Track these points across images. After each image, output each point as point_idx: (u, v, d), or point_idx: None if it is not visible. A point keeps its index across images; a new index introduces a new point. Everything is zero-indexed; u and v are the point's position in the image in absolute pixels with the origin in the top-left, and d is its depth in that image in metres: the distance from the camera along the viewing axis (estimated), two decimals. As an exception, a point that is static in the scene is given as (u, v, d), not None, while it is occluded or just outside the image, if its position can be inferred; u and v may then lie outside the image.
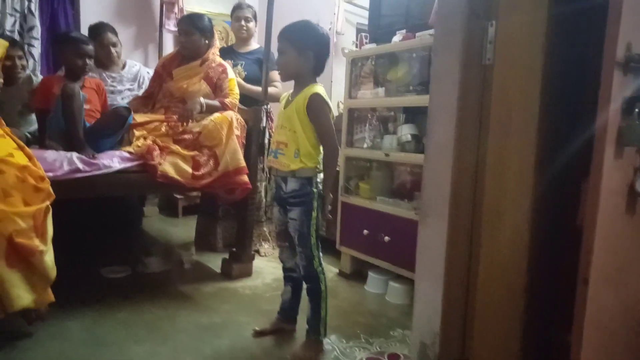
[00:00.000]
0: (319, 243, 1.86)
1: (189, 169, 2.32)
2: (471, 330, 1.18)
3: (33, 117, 2.63)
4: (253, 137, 2.62)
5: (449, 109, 1.07)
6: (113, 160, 2.14)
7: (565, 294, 1.10)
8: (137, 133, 2.34)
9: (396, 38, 2.47)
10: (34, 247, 1.68)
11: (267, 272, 2.81)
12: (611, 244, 0.97)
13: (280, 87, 3.15)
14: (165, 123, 2.43)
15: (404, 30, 2.45)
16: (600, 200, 0.90)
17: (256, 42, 3.32)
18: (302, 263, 1.85)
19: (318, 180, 1.82)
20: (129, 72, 3.05)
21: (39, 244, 1.71)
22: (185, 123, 2.40)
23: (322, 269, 1.87)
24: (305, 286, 1.93)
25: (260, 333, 1.98)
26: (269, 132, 2.84)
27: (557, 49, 1.00)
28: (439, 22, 1.10)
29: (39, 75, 2.79)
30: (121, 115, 2.26)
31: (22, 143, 1.89)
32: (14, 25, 3.46)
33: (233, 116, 2.48)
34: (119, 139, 2.36)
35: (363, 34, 2.79)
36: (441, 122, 1.08)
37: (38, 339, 1.87)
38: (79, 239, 2.67)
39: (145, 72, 3.12)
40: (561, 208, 1.06)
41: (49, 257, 1.75)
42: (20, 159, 1.77)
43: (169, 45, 4.23)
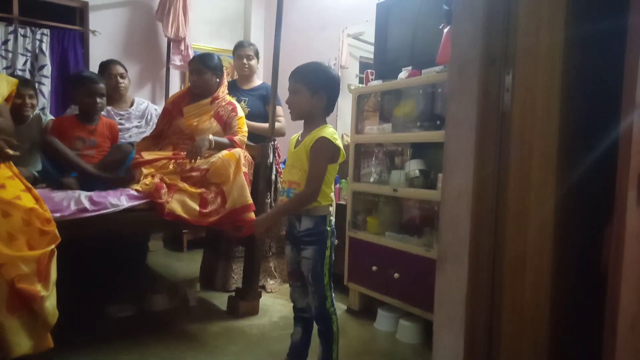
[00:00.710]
0: (331, 283, 1.83)
1: (196, 206, 2.31)
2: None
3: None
4: (260, 173, 2.62)
5: (466, 155, 1.06)
6: (120, 199, 2.13)
7: (591, 340, 1.06)
8: (145, 171, 2.34)
9: (402, 74, 2.49)
10: (35, 292, 1.66)
11: (274, 309, 2.75)
12: (638, 290, 0.94)
13: (284, 122, 3.18)
14: (173, 160, 2.43)
15: (410, 67, 2.48)
16: (625, 247, 0.88)
17: (259, 79, 3.37)
18: (315, 303, 1.81)
19: (332, 218, 1.81)
20: (136, 110, 3.08)
21: (41, 289, 1.68)
22: (193, 160, 2.40)
23: (334, 309, 1.83)
24: (316, 327, 1.88)
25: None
26: (276, 168, 2.84)
27: (575, 96, 1.00)
28: (454, 66, 1.10)
29: (48, 115, 2.82)
30: (125, 151, 2.27)
31: (29, 184, 1.88)
32: (25, 64, 3.53)
33: (241, 153, 2.49)
34: (123, 174, 2.37)
35: (369, 71, 2.82)
36: (459, 167, 1.07)
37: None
38: (83, 275, 2.64)
39: (153, 109, 3.15)
40: (584, 253, 1.03)
41: (50, 303, 1.71)
42: (27, 201, 1.76)
43: (175, 81, 4.30)
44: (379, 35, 2.83)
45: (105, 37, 3.91)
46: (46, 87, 3.59)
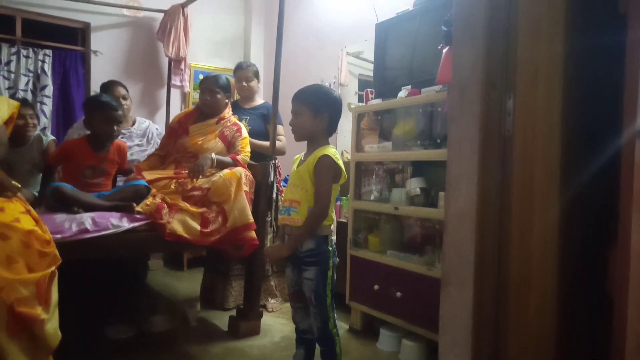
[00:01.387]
0: (333, 304, 1.82)
1: (197, 226, 2.30)
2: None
3: (41, 176, 2.64)
4: (261, 192, 2.62)
5: (469, 178, 1.06)
6: (122, 220, 2.12)
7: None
8: (146, 191, 2.34)
9: (402, 93, 2.51)
10: (35, 315, 1.63)
11: (276, 329, 2.72)
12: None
13: (285, 141, 3.20)
14: (174, 180, 2.44)
15: (409, 86, 2.50)
16: (631, 270, 0.88)
17: (260, 98, 3.41)
18: (317, 325, 1.79)
19: (333, 238, 1.81)
20: (138, 129, 3.09)
21: (41, 312, 1.66)
22: (195, 179, 2.40)
23: (337, 330, 1.82)
24: (318, 348, 1.86)
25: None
26: (276, 187, 2.85)
27: (576, 117, 1.01)
28: (455, 90, 1.11)
29: (49, 135, 2.83)
30: (141, 194, 2.27)
31: (29, 206, 1.88)
32: (27, 84, 3.56)
33: (242, 172, 2.50)
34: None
35: (369, 90, 2.84)
36: (461, 190, 1.08)
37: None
38: (83, 294, 2.61)
39: (154, 128, 3.17)
40: (590, 274, 1.03)
41: (51, 325, 1.69)
42: (26, 223, 1.75)
43: (175, 100, 4.32)
44: (378, 54, 2.86)
45: (106, 57, 3.95)
46: (48, 107, 3.61)
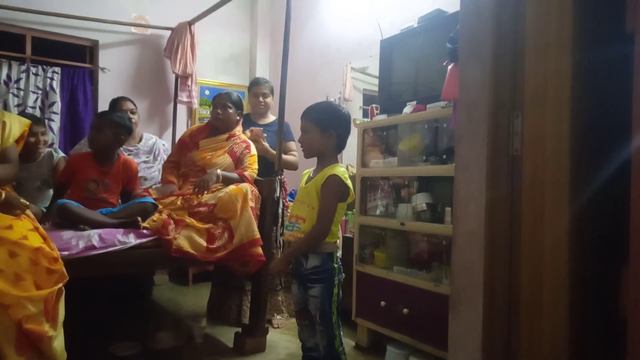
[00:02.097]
0: (339, 321, 1.81)
1: (203, 242, 2.31)
2: None
3: (50, 192, 2.66)
4: (267, 207, 2.62)
5: (477, 198, 1.06)
6: (129, 236, 2.13)
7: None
8: (152, 207, 2.35)
9: (407, 109, 2.52)
10: (43, 332, 1.64)
11: (281, 346, 2.70)
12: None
13: (297, 156, 3.22)
14: (180, 196, 2.45)
15: (415, 102, 2.51)
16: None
17: (273, 114, 3.42)
18: (323, 343, 1.78)
19: (339, 255, 1.81)
20: (145, 145, 3.12)
21: (49, 329, 1.66)
22: (199, 194, 2.41)
23: (343, 349, 1.80)
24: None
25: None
26: (282, 202, 2.85)
27: (586, 135, 1.01)
28: (463, 109, 1.12)
29: (60, 152, 2.86)
30: (148, 212, 2.28)
31: (37, 223, 1.89)
32: (35, 101, 3.60)
33: (248, 188, 2.50)
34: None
35: (374, 105, 2.86)
36: (469, 210, 1.07)
37: None
38: (89, 310, 2.61)
39: (160, 144, 3.19)
40: (602, 295, 1.02)
41: (58, 343, 1.70)
42: (34, 240, 1.76)
43: (182, 116, 4.36)
44: (383, 70, 2.88)
45: (114, 74, 4.00)
46: (55, 124, 3.64)
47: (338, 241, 1.81)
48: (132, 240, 2.14)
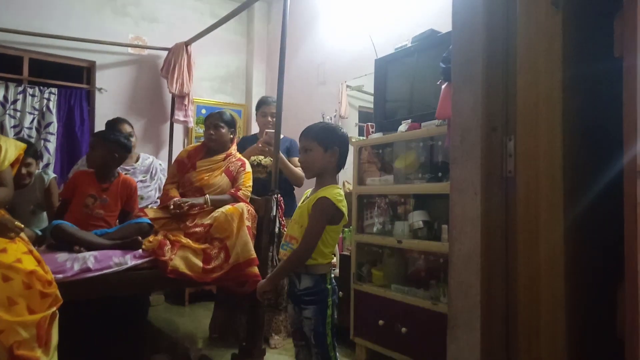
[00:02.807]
0: (334, 342, 1.78)
1: (199, 262, 2.29)
2: None
3: (44, 215, 2.65)
4: (264, 226, 2.61)
5: (472, 220, 1.06)
6: (125, 258, 2.12)
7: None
8: (148, 228, 2.34)
9: (402, 127, 2.54)
10: (35, 358, 1.62)
11: (279, 368, 2.67)
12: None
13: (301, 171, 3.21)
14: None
15: (410, 120, 2.53)
16: (640, 312, 0.86)
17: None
18: (319, 365, 1.75)
19: (332, 276, 1.79)
20: (142, 165, 3.12)
21: (41, 355, 1.64)
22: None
23: (340, 371, 1.77)
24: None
25: None
26: (279, 221, 2.84)
27: (579, 155, 1.02)
28: (456, 133, 1.13)
29: (50, 173, 2.83)
30: (144, 232, 2.28)
31: (31, 246, 1.88)
32: (32, 122, 3.61)
33: (244, 207, 2.50)
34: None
35: (369, 124, 2.88)
36: (465, 232, 1.07)
37: None
38: (84, 332, 2.57)
39: (157, 164, 3.19)
40: (599, 315, 1.01)
41: None
42: (28, 263, 1.74)
43: (178, 136, 4.37)
44: (378, 89, 2.91)
45: (111, 94, 4.02)
46: (52, 144, 3.65)
47: (333, 260, 1.79)
48: (127, 261, 2.12)
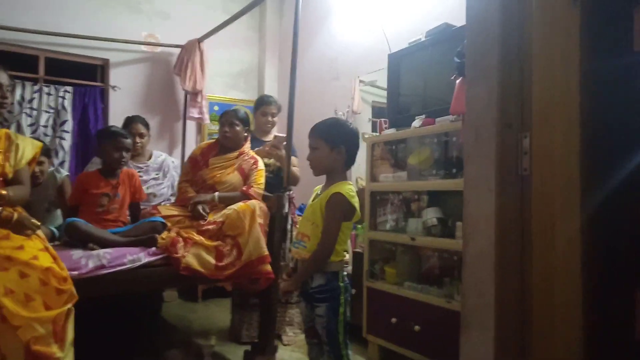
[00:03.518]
0: (347, 341, 1.77)
1: (212, 259, 2.30)
2: None
3: (58, 212, 2.67)
4: (276, 224, 2.61)
5: (487, 218, 1.04)
6: (138, 255, 2.13)
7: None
8: (161, 226, 2.35)
9: (416, 123, 2.51)
10: (51, 354, 1.64)
11: (292, 364, 2.67)
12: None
13: (298, 171, 3.20)
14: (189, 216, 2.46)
15: (424, 116, 2.49)
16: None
17: (275, 131, 3.43)
18: (331, 363, 1.75)
19: (345, 273, 1.78)
20: (154, 162, 3.14)
21: (57, 351, 1.66)
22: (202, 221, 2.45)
23: (352, 369, 1.77)
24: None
25: None
26: (291, 218, 2.83)
27: (596, 152, 0.99)
28: (470, 130, 1.10)
29: (63, 172, 2.87)
30: (157, 230, 2.29)
31: (47, 243, 1.90)
32: (47, 120, 3.66)
33: (256, 204, 2.50)
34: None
35: (382, 119, 2.85)
36: (479, 230, 1.05)
37: None
38: (98, 328, 2.60)
39: (170, 161, 3.21)
40: (617, 317, 0.98)
41: None
42: (44, 260, 1.77)
43: (191, 133, 4.39)
44: (392, 84, 2.87)
45: (124, 92, 4.05)
46: (67, 142, 3.69)
47: (346, 258, 1.78)
48: (141, 258, 2.14)
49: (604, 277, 0.99)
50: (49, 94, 3.68)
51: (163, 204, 2.90)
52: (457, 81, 2.03)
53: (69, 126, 3.70)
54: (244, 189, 2.62)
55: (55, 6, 3.72)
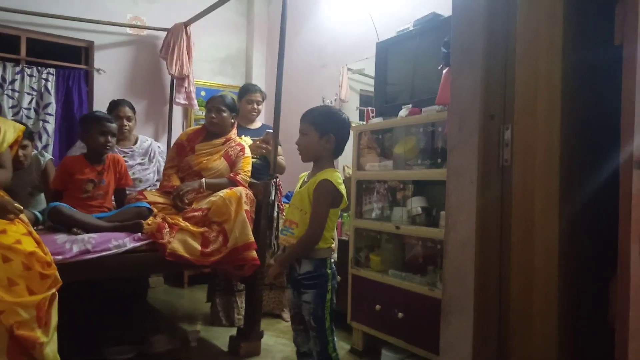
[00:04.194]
0: (332, 327, 1.80)
1: (198, 246, 2.30)
2: None
3: (42, 197, 2.64)
4: (262, 211, 2.62)
5: (468, 208, 1.06)
6: (123, 240, 2.12)
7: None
8: (146, 211, 2.34)
9: (402, 112, 2.52)
10: (35, 339, 1.64)
11: (276, 350, 2.70)
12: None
13: (284, 160, 3.22)
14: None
15: (410, 105, 2.51)
16: (631, 302, 0.87)
17: (260, 120, 3.44)
18: (316, 349, 1.78)
19: (332, 260, 1.80)
20: (140, 147, 3.11)
21: (41, 336, 1.66)
22: (180, 210, 2.44)
23: (337, 354, 1.80)
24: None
25: None
26: (278, 205, 2.84)
27: (576, 149, 1.01)
28: (455, 120, 1.12)
29: (46, 155, 2.83)
30: (143, 216, 2.27)
31: (30, 228, 1.89)
32: (30, 103, 3.59)
33: (242, 191, 2.50)
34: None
35: (369, 108, 2.86)
36: (461, 219, 1.08)
37: None
38: (83, 314, 2.60)
39: (156, 146, 3.18)
40: (591, 303, 1.02)
41: (50, 349, 1.69)
42: (27, 245, 1.75)
43: (177, 118, 4.35)
44: (379, 73, 2.87)
45: (109, 75, 3.98)
46: (50, 125, 3.63)
47: (333, 246, 1.80)
48: (126, 244, 2.13)
49: (581, 267, 1.02)
50: (31, 76, 3.61)
51: (149, 189, 2.89)
52: (444, 71, 2.05)
53: (52, 109, 3.64)
54: (232, 175, 2.61)
55: (38, -15, 3.62)
